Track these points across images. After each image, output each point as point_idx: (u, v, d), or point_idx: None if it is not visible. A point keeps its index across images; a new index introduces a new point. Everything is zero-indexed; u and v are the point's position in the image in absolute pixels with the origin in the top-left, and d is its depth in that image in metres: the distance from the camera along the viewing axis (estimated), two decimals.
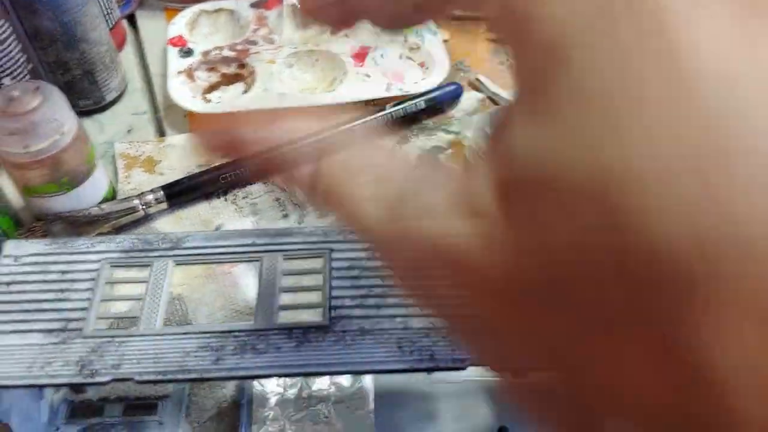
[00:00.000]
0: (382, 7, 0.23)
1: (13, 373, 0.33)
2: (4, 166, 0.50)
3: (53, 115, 0.48)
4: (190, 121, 0.62)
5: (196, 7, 0.70)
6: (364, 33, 0.68)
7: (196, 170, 0.57)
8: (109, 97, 0.63)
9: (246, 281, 0.49)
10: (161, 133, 0.62)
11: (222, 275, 0.50)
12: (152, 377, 0.33)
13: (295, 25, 0.69)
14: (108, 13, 0.64)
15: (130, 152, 0.59)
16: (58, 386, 0.42)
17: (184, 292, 0.49)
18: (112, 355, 0.33)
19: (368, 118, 0.59)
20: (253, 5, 0.70)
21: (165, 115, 0.63)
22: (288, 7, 0.69)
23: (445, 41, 0.69)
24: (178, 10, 0.70)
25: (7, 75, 0.53)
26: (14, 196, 0.52)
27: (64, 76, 0.59)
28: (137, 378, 0.32)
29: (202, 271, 0.50)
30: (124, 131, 0.62)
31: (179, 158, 0.58)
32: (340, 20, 0.24)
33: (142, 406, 0.43)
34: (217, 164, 0.56)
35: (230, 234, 0.39)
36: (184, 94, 0.62)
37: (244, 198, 0.56)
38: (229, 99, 0.64)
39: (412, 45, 0.67)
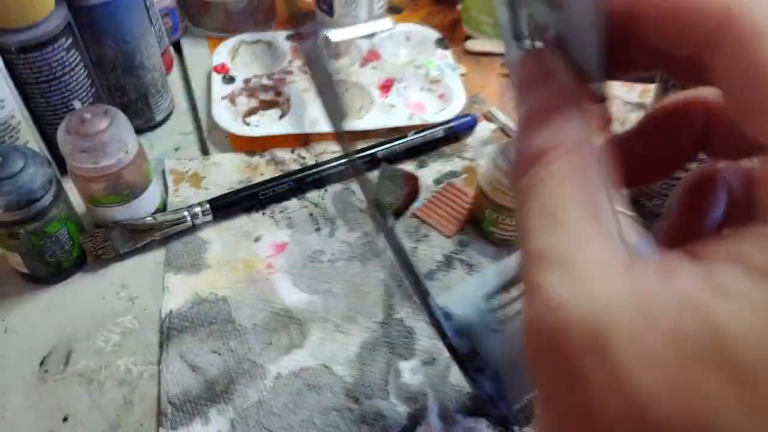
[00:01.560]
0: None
1: None
2: (72, 179, 0.56)
3: (119, 135, 0.55)
4: (231, 141, 0.69)
5: (238, 38, 0.77)
6: (390, 66, 0.75)
7: (238, 186, 0.63)
8: (159, 118, 0.70)
9: (284, 289, 0.56)
10: (205, 152, 0.69)
11: (262, 281, 0.57)
12: None
13: (327, 56, 0.76)
14: (160, 41, 0.72)
15: (179, 168, 0.66)
16: None
17: (227, 294, 0.56)
18: None
19: (392, 144, 0.66)
20: (288, 38, 0.77)
21: (209, 136, 0.70)
22: (322, 39, 0.76)
23: (463, 75, 0.76)
24: (219, 39, 0.77)
25: (75, 98, 0.60)
26: (79, 205, 0.59)
27: (121, 99, 0.66)
28: None
29: (244, 276, 0.57)
30: (172, 149, 0.69)
31: (222, 174, 0.65)
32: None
33: None
34: (256, 182, 0.63)
35: None
36: (226, 117, 0.69)
37: (280, 213, 0.62)
38: (266, 123, 0.71)
39: (433, 78, 0.74)
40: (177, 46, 0.80)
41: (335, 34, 0.76)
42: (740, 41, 0.17)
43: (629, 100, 0.73)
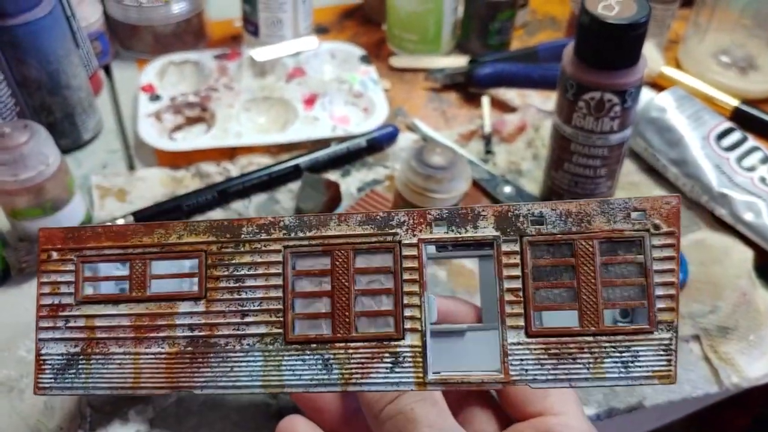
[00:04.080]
0: None
1: None
2: None
3: (39, 149, 0.56)
4: (157, 157, 0.70)
5: (165, 59, 0.79)
6: (315, 82, 0.77)
7: (162, 199, 0.65)
8: (87, 137, 0.71)
9: None
10: (132, 168, 0.70)
11: None
12: None
13: (253, 74, 0.78)
14: (87, 63, 0.73)
15: (104, 184, 0.67)
16: None
17: None
18: None
19: (315, 155, 0.68)
20: (216, 57, 0.79)
21: (135, 152, 0.71)
22: (247, 59, 0.78)
23: (387, 90, 0.79)
24: (148, 61, 0.79)
25: None
26: (1, 219, 0.60)
27: (47, 118, 0.67)
28: None
29: None
30: (100, 166, 0.70)
31: (148, 189, 0.66)
32: None
33: None
34: (179, 194, 0.64)
35: None
36: (153, 134, 0.70)
37: None
38: (192, 138, 0.72)
39: (356, 93, 0.76)
40: (108, 70, 0.82)
41: (260, 54, 0.78)
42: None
43: (543, 108, 0.76)
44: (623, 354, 0.34)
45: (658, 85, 0.78)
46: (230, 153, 0.70)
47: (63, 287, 0.38)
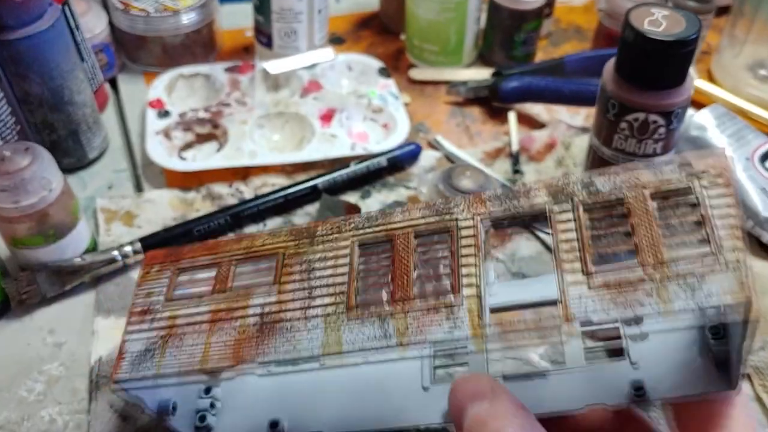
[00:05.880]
0: None
1: None
2: None
3: (42, 173, 0.52)
4: (166, 177, 0.66)
5: (174, 72, 0.75)
6: (331, 96, 0.73)
7: (172, 223, 0.61)
8: (92, 156, 0.68)
9: None
10: (139, 189, 0.66)
11: None
12: None
13: (267, 88, 0.74)
14: (92, 77, 0.69)
15: (111, 207, 0.63)
16: None
17: None
18: None
19: (333, 175, 0.64)
20: (227, 70, 0.76)
21: (143, 172, 0.68)
22: (260, 72, 0.74)
23: (407, 104, 0.75)
24: (156, 74, 0.75)
25: None
26: (1, 247, 0.56)
27: (50, 136, 0.64)
28: None
29: None
30: (105, 187, 0.66)
31: (156, 212, 0.63)
32: None
33: None
34: (190, 218, 0.61)
35: None
36: (161, 153, 0.66)
37: None
38: (203, 157, 0.68)
39: (375, 108, 0.73)
40: (114, 83, 0.78)
41: (273, 66, 0.74)
42: None
43: (573, 124, 0.72)
44: (687, 279, 0.31)
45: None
46: (243, 173, 0.66)
47: (156, 293, 0.41)
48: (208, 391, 0.43)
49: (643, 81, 0.51)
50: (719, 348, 0.35)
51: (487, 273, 0.35)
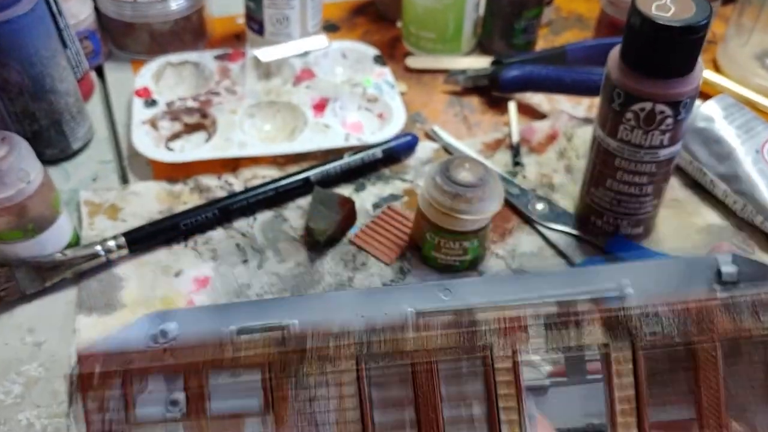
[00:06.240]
0: None
1: None
2: None
3: (19, 164, 0.50)
4: (153, 169, 0.64)
5: (162, 59, 0.72)
6: (325, 85, 0.70)
7: (158, 217, 0.59)
8: (76, 146, 0.65)
9: None
10: (125, 181, 0.64)
11: None
12: None
13: (258, 76, 0.71)
14: (76, 65, 0.67)
15: (94, 200, 0.61)
16: None
17: None
18: None
19: (326, 167, 0.62)
20: (217, 58, 0.73)
21: (129, 164, 0.65)
22: (251, 60, 0.72)
23: (403, 93, 0.72)
24: (144, 62, 0.73)
25: None
26: None
27: (31, 126, 0.61)
28: None
29: None
30: (90, 179, 0.64)
31: (142, 205, 0.60)
32: None
33: None
34: (177, 212, 0.58)
35: None
36: (148, 144, 0.64)
37: (204, 244, 0.58)
38: (191, 148, 0.66)
39: (370, 97, 0.70)
40: (100, 71, 0.76)
41: (265, 54, 0.72)
42: None
43: (576, 114, 0.70)
44: None
45: None
46: (233, 164, 0.64)
47: (111, 408, 0.32)
48: None
49: (650, 69, 0.49)
50: None
51: (530, 416, 0.31)
